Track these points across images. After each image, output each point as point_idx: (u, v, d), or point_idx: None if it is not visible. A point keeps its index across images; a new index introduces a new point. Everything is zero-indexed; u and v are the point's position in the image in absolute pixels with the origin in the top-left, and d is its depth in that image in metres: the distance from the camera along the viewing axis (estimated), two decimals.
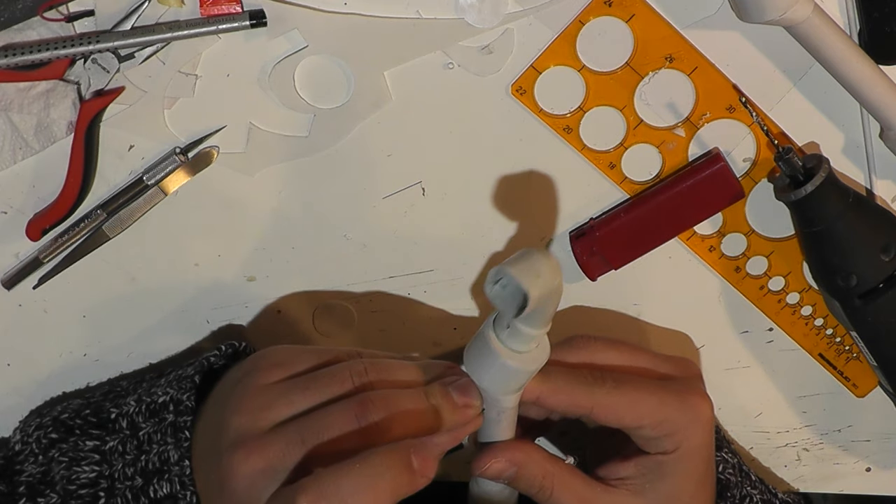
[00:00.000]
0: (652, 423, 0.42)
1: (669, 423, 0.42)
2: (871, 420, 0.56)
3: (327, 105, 0.46)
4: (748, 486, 0.50)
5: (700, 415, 0.43)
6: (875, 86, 0.43)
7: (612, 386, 0.42)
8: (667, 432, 0.42)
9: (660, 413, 0.42)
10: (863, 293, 0.46)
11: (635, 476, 0.43)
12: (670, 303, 0.52)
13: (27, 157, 0.45)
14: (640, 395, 0.42)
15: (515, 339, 0.38)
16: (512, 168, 0.48)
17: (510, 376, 0.39)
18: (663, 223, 0.48)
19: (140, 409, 0.44)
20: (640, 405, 0.42)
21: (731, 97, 0.46)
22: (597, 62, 0.45)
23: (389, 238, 0.50)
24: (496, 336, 0.38)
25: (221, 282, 0.51)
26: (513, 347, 0.38)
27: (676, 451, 0.42)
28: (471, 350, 0.40)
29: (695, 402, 0.43)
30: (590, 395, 0.42)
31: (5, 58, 0.42)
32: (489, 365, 0.38)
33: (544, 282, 0.34)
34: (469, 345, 0.40)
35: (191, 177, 0.47)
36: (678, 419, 0.42)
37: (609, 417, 0.42)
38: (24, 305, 0.50)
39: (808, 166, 0.45)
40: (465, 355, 0.40)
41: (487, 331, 0.38)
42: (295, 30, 0.43)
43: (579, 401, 0.41)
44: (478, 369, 0.39)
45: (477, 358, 0.39)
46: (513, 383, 0.39)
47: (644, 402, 0.42)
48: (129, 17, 0.42)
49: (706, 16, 0.44)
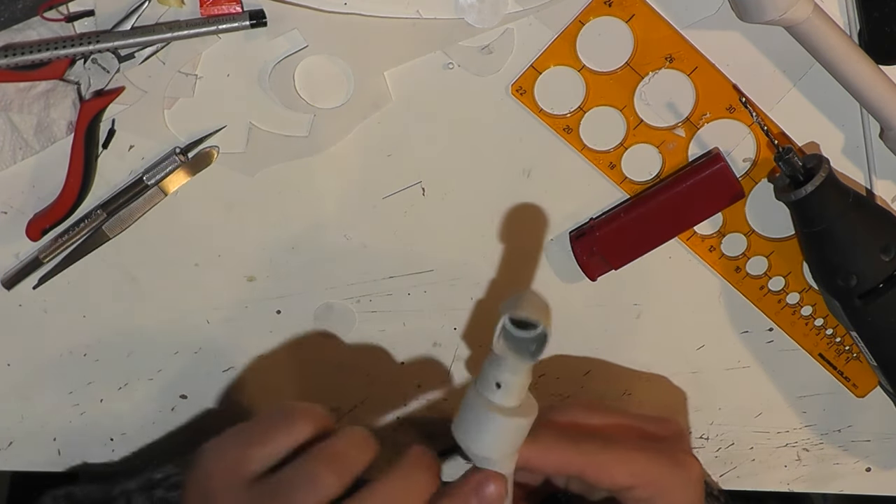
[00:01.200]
0: (644, 483, 0.41)
1: (661, 483, 0.41)
2: (871, 420, 0.56)
3: (327, 105, 0.46)
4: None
5: (691, 475, 0.43)
6: (875, 86, 0.43)
7: (602, 444, 0.41)
8: (658, 492, 0.41)
9: (652, 472, 0.41)
10: (863, 293, 0.46)
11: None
12: (670, 303, 0.52)
13: (27, 157, 0.45)
14: (631, 454, 0.41)
15: (508, 394, 0.37)
16: (512, 168, 0.48)
17: (509, 435, 0.38)
18: (663, 223, 0.48)
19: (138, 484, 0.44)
20: (631, 464, 0.41)
21: (731, 97, 0.46)
22: (597, 62, 0.45)
23: (389, 238, 0.50)
24: (487, 399, 0.38)
25: (221, 282, 0.51)
26: (507, 405, 0.38)
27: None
28: (462, 421, 0.39)
29: (685, 461, 0.43)
30: (580, 454, 0.41)
31: (5, 58, 0.42)
32: (486, 429, 0.38)
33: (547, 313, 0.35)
34: (458, 418, 0.39)
35: (191, 177, 0.47)
36: (670, 479, 0.42)
37: (601, 476, 0.41)
38: (24, 305, 0.50)
39: (808, 166, 0.45)
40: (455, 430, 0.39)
41: (476, 397, 0.38)
42: (295, 30, 0.43)
43: (569, 459, 0.41)
44: (473, 438, 0.38)
45: (471, 427, 0.38)
46: (512, 442, 0.39)
47: (635, 460, 0.41)
48: (129, 18, 0.42)
49: (706, 16, 0.44)
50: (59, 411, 0.54)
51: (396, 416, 0.56)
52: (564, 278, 0.51)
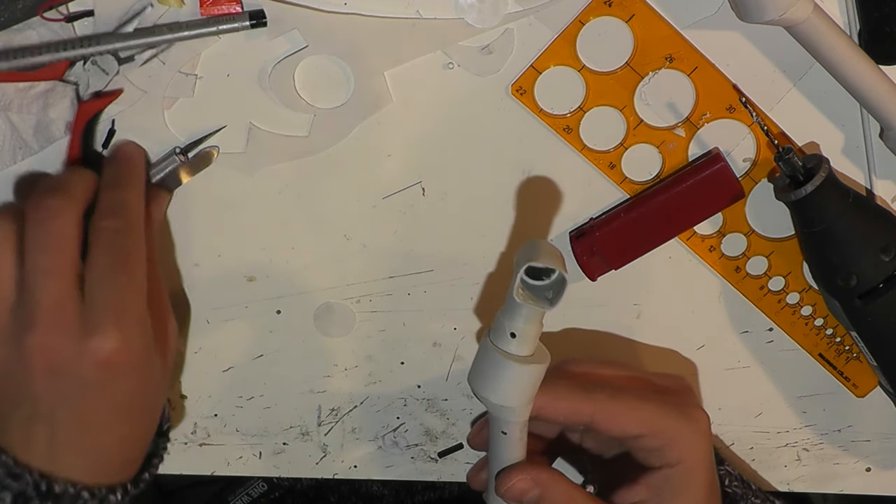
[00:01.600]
0: (654, 432, 0.42)
1: (671, 433, 0.42)
2: (871, 420, 0.56)
3: (327, 105, 0.46)
4: (752, 496, 0.50)
5: (700, 426, 0.44)
6: (875, 86, 0.43)
7: (613, 393, 0.42)
8: (668, 442, 0.42)
9: (661, 422, 0.42)
10: (863, 293, 0.46)
11: (648, 499, 0.43)
12: (670, 303, 0.52)
13: (26, 157, 0.45)
14: (641, 404, 0.42)
15: (523, 343, 0.38)
16: (512, 168, 0.48)
17: (525, 382, 0.39)
18: (663, 223, 0.48)
19: None
20: (641, 412, 0.42)
21: (731, 97, 0.46)
22: (597, 62, 0.45)
23: (389, 238, 0.50)
24: (503, 349, 0.39)
25: (221, 282, 0.51)
26: (520, 353, 0.39)
27: (681, 465, 0.42)
28: (478, 371, 0.40)
29: (694, 413, 0.44)
30: (591, 401, 0.42)
31: (6, 61, 0.41)
32: (503, 378, 0.39)
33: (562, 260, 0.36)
34: (473, 369, 0.40)
35: (191, 177, 0.47)
36: (679, 429, 0.42)
37: (611, 424, 0.42)
38: None
39: (808, 166, 0.45)
40: (471, 381, 0.40)
41: (491, 347, 0.39)
42: (295, 30, 0.43)
43: (580, 407, 0.41)
44: (491, 387, 0.39)
45: (487, 377, 0.39)
46: (528, 389, 0.39)
47: (645, 409, 0.42)
48: (131, 21, 0.42)
49: (706, 16, 0.44)
50: None
51: (396, 416, 0.56)
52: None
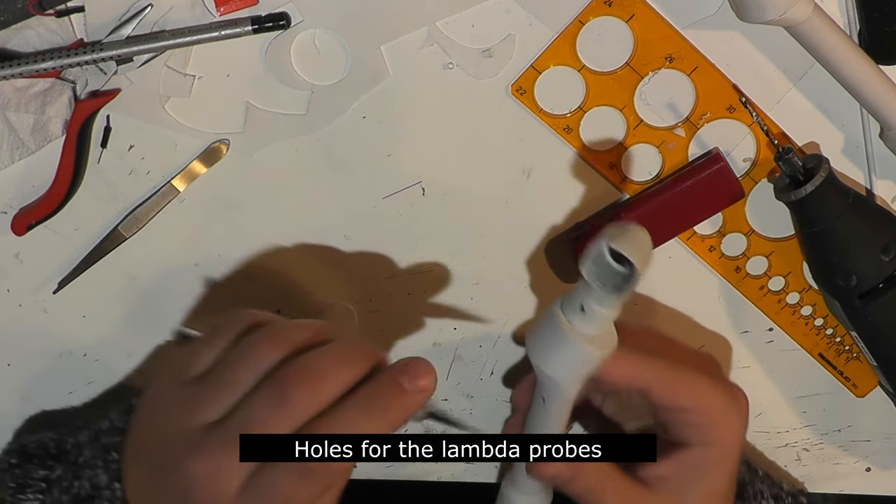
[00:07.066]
0: (703, 408, 0.41)
1: (718, 411, 0.41)
2: (871, 420, 0.56)
3: (325, 81, 0.46)
4: (758, 482, 0.50)
5: (743, 409, 0.43)
6: (875, 86, 0.43)
7: (671, 363, 0.41)
8: (713, 421, 0.41)
9: (712, 399, 0.41)
10: (863, 293, 0.46)
11: (675, 475, 0.42)
12: (670, 303, 0.52)
13: (24, 156, 0.45)
14: (697, 377, 0.41)
15: (590, 322, 0.35)
16: (512, 168, 0.48)
17: (582, 362, 0.36)
18: (663, 223, 0.48)
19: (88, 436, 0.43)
20: (695, 386, 0.41)
21: (731, 97, 0.46)
22: (597, 62, 0.45)
23: (389, 238, 0.50)
24: (568, 320, 0.35)
25: (221, 282, 0.51)
26: (586, 332, 0.35)
27: (718, 446, 0.41)
28: (537, 335, 0.37)
29: (739, 394, 0.43)
30: (650, 369, 0.40)
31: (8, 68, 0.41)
32: (560, 350, 0.35)
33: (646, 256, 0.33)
34: (533, 329, 0.37)
35: (203, 171, 0.47)
36: (726, 408, 0.41)
37: (665, 394, 0.40)
38: (24, 305, 0.50)
39: (808, 166, 0.45)
40: (528, 341, 0.37)
41: (557, 315, 0.36)
42: (290, 3, 0.43)
43: (640, 373, 0.40)
44: (546, 356, 0.36)
45: (545, 343, 0.36)
46: (583, 370, 0.36)
47: (700, 384, 0.41)
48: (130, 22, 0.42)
49: (706, 16, 0.44)
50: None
51: None
52: (564, 278, 0.51)
